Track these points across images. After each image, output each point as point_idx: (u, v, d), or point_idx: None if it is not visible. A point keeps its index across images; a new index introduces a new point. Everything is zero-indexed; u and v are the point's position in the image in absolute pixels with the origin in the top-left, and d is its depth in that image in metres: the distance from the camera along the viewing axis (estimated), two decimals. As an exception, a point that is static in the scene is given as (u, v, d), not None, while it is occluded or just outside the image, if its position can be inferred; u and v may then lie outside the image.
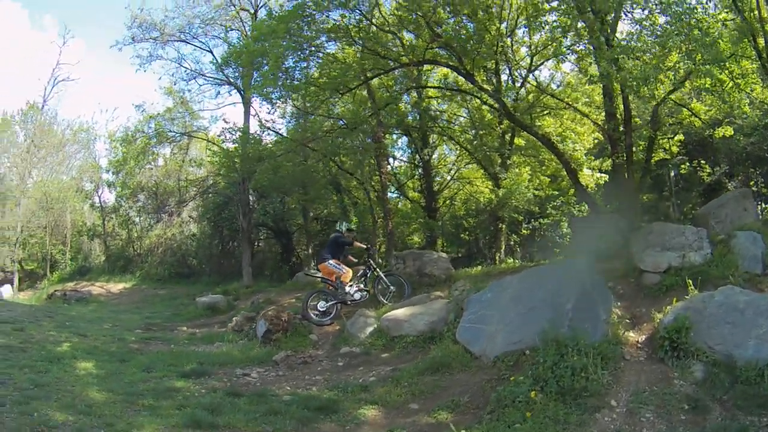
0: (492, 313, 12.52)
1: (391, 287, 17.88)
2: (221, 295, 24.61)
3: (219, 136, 31.54)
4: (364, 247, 18.80)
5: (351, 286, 17.38)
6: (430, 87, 28.21)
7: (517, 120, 22.80)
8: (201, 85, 33.89)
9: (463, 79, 23.50)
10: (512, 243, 33.44)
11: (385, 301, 17.59)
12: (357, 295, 17.48)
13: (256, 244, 36.39)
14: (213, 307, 22.77)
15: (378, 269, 18.22)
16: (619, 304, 12.70)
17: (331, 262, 17.39)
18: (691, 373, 9.73)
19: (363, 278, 17.91)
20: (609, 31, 18.55)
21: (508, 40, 23.95)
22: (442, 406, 9.76)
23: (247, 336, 16.49)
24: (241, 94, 31.26)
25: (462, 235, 35.46)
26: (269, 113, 38.55)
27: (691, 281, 12.04)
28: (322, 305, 16.58)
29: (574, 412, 8.77)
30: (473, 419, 9.23)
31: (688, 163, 30.40)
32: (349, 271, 17.54)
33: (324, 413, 9.67)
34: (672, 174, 31.61)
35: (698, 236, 14.06)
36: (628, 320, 12.04)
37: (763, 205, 27.42)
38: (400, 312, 14.83)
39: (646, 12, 17.59)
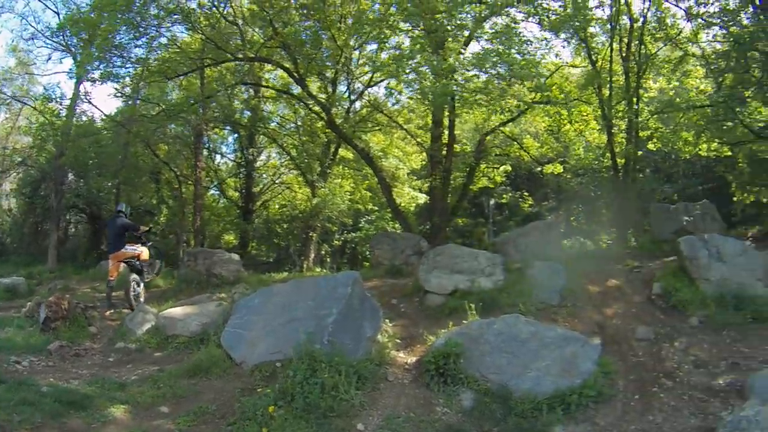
0: (257, 320, 12.05)
1: (157, 261, 18.27)
2: (23, 278, 23.06)
3: (48, 102, 29.75)
4: (147, 229, 18.43)
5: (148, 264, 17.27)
6: (256, 85, 27.91)
7: (339, 130, 23.04)
8: (38, 47, 32.25)
9: (298, 85, 23.28)
10: (323, 253, 33.62)
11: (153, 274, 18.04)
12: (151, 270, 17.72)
13: (72, 227, 34.80)
14: (13, 290, 21.24)
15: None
16: (391, 323, 12.46)
17: (127, 247, 16.87)
18: (459, 401, 9.45)
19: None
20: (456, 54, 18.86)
21: (356, 52, 23.85)
22: (189, 413, 9.29)
23: (36, 323, 15.38)
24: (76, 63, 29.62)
25: (275, 240, 35.25)
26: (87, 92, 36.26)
27: (472, 306, 11.85)
28: (138, 291, 16.40)
29: (316, 433, 8.39)
30: (214, 429, 8.83)
31: (510, 193, 31.44)
32: (144, 249, 17.30)
33: (75, 408, 9.07)
34: (491, 202, 32.25)
35: (492, 262, 14.07)
36: (400, 340, 11.77)
37: (582, 240, 28.37)
38: (178, 311, 14.23)
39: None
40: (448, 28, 17.97)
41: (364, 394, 9.41)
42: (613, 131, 22.53)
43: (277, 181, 33.31)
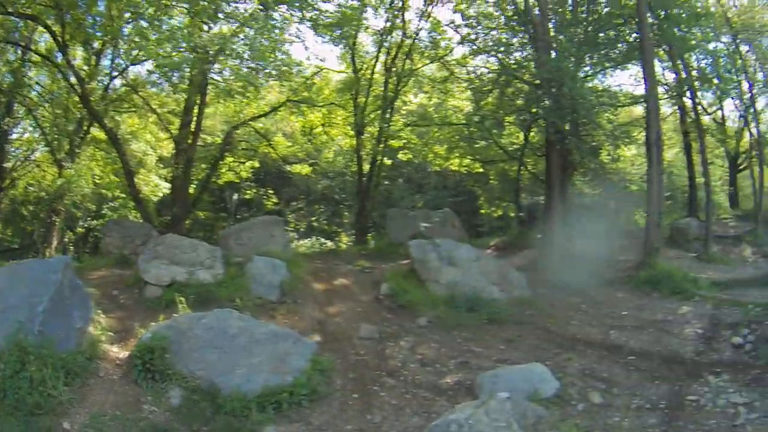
0: (-31, 310, 10.95)
1: None
2: None
3: None
4: None
5: None
6: (22, 46, 25.79)
7: (90, 106, 22.22)
8: None
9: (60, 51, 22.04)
10: (67, 240, 32.16)
11: None
12: None
13: None
14: None
15: None
16: (108, 314, 12.05)
17: None
18: (168, 398, 9.25)
19: None
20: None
21: (129, 26, 22.85)
22: None
23: None
24: None
25: (21, 224, 33.07)
26: None
27: (183, 299, 11.88)
28: None
29: (24, 432, 8.00)
30: (-68, 435, 8.25)
31: (256, 190, 31.80)
32: None
33: None
34: (235, 197, 32.30)
35: (212, 255, 14.16)
36: (114, 333, 11.32)
37: (323, 241, 29.15)
38: None
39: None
40: (210, 11, 17.90)
41: (72, 390, 8.96)
42: (363, 137, 23.41)
43: (31, 158, 30.46)
